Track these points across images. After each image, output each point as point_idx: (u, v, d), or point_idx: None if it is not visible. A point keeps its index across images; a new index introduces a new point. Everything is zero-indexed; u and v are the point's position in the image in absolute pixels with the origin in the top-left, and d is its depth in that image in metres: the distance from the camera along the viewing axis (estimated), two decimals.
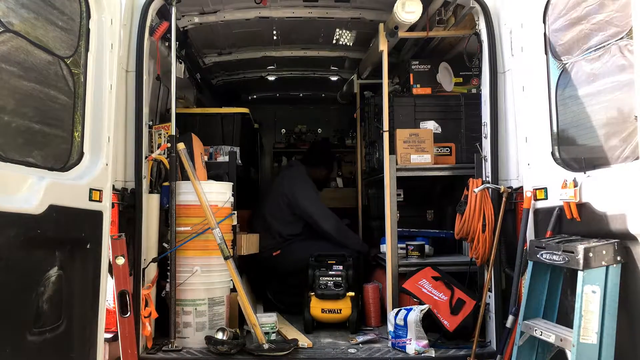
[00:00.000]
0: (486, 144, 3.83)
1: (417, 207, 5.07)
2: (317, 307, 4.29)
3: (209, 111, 4.82)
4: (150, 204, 3.81)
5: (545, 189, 3.25)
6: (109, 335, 3.42)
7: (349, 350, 3.79)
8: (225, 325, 4.00)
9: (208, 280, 3.94)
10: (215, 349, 3.64)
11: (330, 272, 4.35)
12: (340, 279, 4.32)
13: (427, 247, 4.56)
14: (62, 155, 2.92)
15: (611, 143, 2.79)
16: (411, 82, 4.60)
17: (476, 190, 3.69)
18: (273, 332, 3.90)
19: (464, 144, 4.45)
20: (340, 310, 4.29)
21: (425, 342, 3.69)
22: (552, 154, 3.27)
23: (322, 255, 4.54)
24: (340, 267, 4.39)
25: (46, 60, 2.75)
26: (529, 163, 3.44)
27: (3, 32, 2.45)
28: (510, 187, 3.66)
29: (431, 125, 4.48)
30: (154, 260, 3.78)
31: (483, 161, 3.86)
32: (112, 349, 3.47)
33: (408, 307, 3.85)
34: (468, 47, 4.18)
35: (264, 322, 3.86)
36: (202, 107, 5.58)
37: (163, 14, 4.00)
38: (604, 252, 2.61)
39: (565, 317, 2.97)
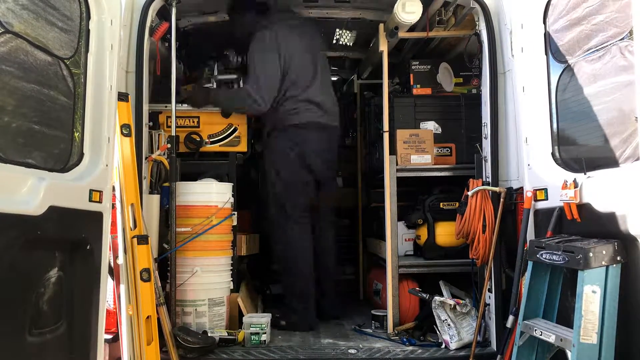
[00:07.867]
0: (486, 144, 3.83)
1: None
2: None
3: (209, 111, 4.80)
4: (150, 204, 3.81)
5: (546, 189, 3.25)
6: (109, 336, 3.42)
7: (349, 350, 3.78)
8: (225, 326, 4.00)
9: (208, 281, 3.94)
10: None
11: None
12: None
13: None
14: (62, 156, 2.91)
15: (611, 144, 2.80)
16: (411, 83, 4.59)
17: (469, 193, 3.69)
18: (263, 333, 3.85)
19: (464, 144, 4.44)
20: None
21: None
22: (553, 154, 3.28)
23: None
24: None
25: (46, 61, 2.74)
26: (529, 163, 3.43)
27: (3, 33, 2.45)
28: (510, 188, 3.66)
29: (431, 126, 4.48)
30: (154, 261, 3.78)
31: (483, 161, 3.86)
32: (112, 349, 3.47)
33: None
34: (468, 47, 4.17)
35: (254, 323, 3.85)
36: None
37: (163, 14, 4.00)
38: (604, 252, 2.61)
39: (565, 317, 2.97)
